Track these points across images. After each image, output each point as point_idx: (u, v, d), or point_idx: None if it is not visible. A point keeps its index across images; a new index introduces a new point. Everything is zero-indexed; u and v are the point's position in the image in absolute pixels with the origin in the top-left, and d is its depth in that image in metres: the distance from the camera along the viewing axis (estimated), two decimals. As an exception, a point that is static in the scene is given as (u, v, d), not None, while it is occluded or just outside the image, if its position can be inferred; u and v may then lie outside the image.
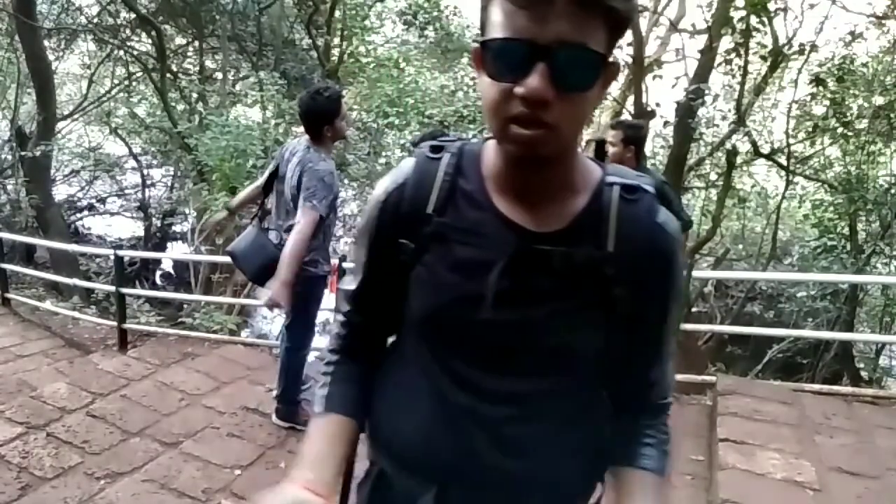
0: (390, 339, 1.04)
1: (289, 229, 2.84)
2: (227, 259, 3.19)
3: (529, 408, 0.86)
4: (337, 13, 8.73)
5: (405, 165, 0.90)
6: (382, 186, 0.91)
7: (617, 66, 0.78)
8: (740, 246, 8.81)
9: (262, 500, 0.75)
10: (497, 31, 0.71)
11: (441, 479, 0.89)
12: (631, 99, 6.94)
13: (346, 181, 8.52)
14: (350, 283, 0.98)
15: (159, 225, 11.92)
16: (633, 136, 3.32)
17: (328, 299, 3.07)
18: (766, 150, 6.90)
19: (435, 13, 9.85)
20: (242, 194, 3.27)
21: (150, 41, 9.16)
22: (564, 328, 0.82)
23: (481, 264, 0.81)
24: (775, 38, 5.73)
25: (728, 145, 6.30)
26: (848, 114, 5.85)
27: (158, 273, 11.10)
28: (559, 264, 0.80)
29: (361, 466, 1.04)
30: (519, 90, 0.69)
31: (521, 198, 0.83)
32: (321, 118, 2.77)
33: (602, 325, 0.83)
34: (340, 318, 1.02)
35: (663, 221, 0.84)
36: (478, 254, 0.82)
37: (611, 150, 3.42)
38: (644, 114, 5.96)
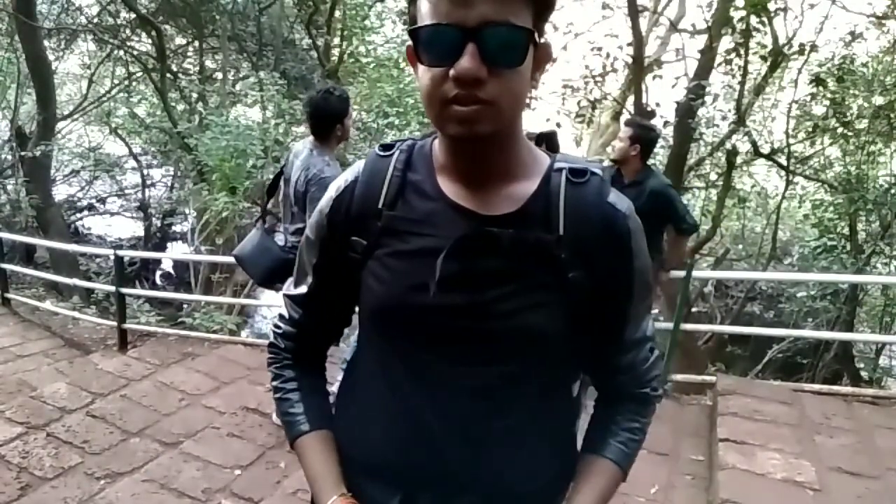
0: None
1: (295, 232, 2.86)
2: (227, 259, 3.20)
3: (494, 400, 0.86)
4: (337, 13, 8.72)
5: (356, 165, 0.91)
6: (334, 187, 0.91)
7: (549, 47, 0.80)
8: (740, 246, 8.80)
9: None
10: (426, 20, 0.74)
11: (407, 485, 0.88)
12: (631, 99, 6.94)
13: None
14: (299, 288, 0.96)
15: (159, 225, 11.93)
16: (643, 137, 3.34)
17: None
18: (766, 150, 6.89)
19: (435, 13, 9.80)
20: None
21: (150, 41, 9.16)
22: (516, 310, 0.82)
23: (432, 251, 0.81)
24: (775, 38, 5.72)
25: (728, 145, 6.29)
26: (848, 114, 5.84)
27: (158, 273, 11.10)
28: (508, 246, 0.81)
29: None
30: (452, 72, 0.71)
31: (470, 185, 0.84)
32: (333, 117, 2.80)
33: (556, 307, 0.82)
34: (287, 326, 0.99)
35: (614, 201, 0.84)
36: (429, 242, 0.82)
37: (617, 144, 3.43)
38: (644, 114, 5.95)
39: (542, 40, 0.78)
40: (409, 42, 0.77)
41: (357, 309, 0.95)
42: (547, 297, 0.82)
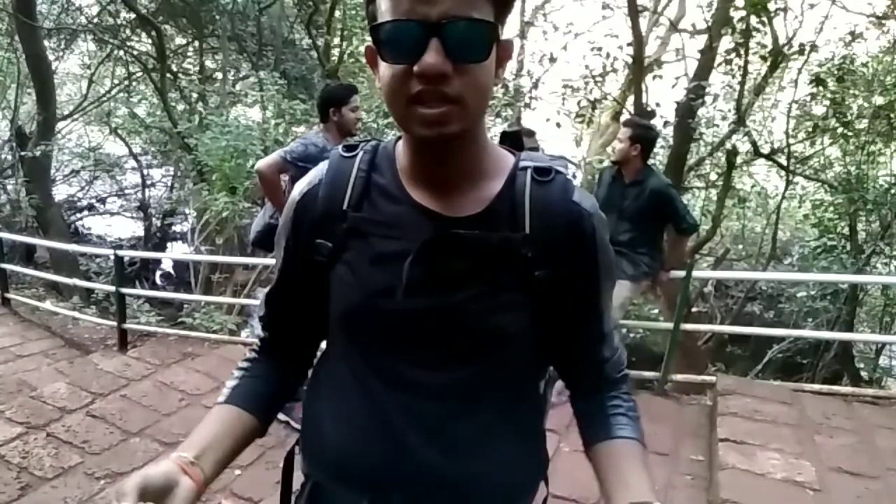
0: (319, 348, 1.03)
1: None
2: (227, 259, 3.31)
3: (464, 401, 0.85)
4: (337, 13, 8.72)
5: (319, 167, 0.90)
6: (297, 188, 0.90)
7: (510, 44, 0.80)
8: (740, 246, 8.81)
9: (136, 476, 0.73)
10: (386, 16, 0.73)
11: (377, 487, 0.87)
12: (631, 99, 6.94)
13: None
14: (271, 285, 0.98)
15: (159, 225, 11.94)
16: (643, 136, 3.34)
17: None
18: (766, 150, 6.88)
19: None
20: None
21: (150, 41, 9.16)
22: (485, 311, 0.82)
23: (399, 255, 0.80)
24: (775, 38, 5.72)
25: (728, 145, 6.29)
26: (848, 114, 5.83)
27: (158, 273, 11.10)
28: (475, 248, 0.80)
29: (298, 481, 1.02)
30: (417, 68, 0.70)
31: (436, 187, 0.83)
32: (328, 102, 3.08)
33: (525, 307, 0.83)
34: (259, 323, 1.01)
35: (579, 200, 0.84)
36: (396, 245, 0.82)
37: (618, 145, 3.44)
38: (644, 114, 5.95)
39: (504, 37, 0.78)
40: (369, 44, 0.76)
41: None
42: (514, 297, 0.82)
